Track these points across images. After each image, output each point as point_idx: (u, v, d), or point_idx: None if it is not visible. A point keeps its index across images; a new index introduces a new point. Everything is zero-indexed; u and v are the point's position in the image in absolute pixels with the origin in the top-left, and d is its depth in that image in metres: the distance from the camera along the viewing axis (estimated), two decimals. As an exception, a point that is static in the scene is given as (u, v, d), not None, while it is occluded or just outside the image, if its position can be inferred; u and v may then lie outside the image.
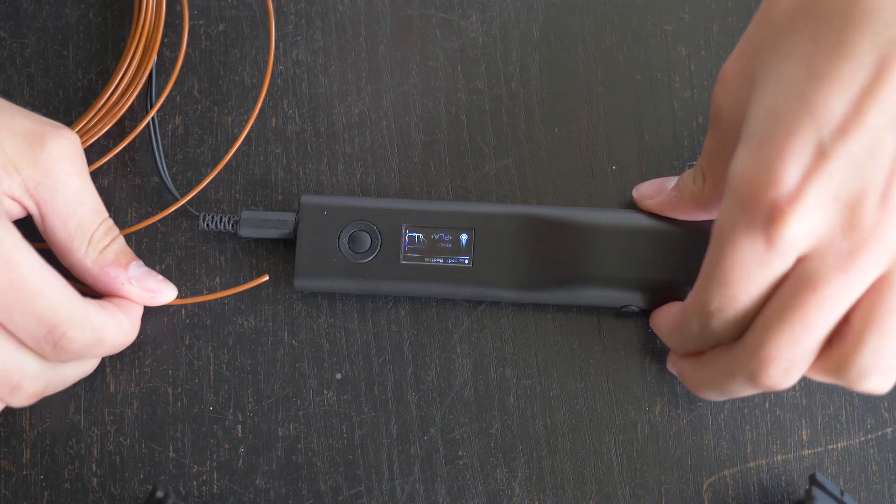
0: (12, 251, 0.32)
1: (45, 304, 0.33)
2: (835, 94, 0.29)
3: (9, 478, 0.41)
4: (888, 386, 0.31)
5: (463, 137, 0.43)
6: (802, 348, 0.31)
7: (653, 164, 0.43)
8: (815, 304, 0.30)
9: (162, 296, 0.40)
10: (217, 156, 0.43)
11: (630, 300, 0.40)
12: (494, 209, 0.41)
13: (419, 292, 0.41)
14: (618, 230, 0.40)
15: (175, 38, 0.44)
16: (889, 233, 0.29)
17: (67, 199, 0.36)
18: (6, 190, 0.35)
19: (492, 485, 0.41)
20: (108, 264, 0.38)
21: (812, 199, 0.29)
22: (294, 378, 0.41)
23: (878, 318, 0.30)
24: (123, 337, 0.37)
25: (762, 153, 0.30)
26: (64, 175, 0.36)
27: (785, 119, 0.30)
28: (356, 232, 0.40)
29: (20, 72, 0.44)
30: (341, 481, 0.41)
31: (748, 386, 0.33)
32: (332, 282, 0.40)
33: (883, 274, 0.30)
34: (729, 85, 0.33)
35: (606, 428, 0.41)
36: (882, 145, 0.29)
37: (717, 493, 0.40)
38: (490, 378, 0.41)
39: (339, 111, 0.44)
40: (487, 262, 0.40)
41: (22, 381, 0.34)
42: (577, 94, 0.44)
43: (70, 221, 0.37)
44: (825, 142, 0.29)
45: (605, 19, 0.44)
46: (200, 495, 0.41)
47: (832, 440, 0.41)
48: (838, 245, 0.29)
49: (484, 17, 0.44)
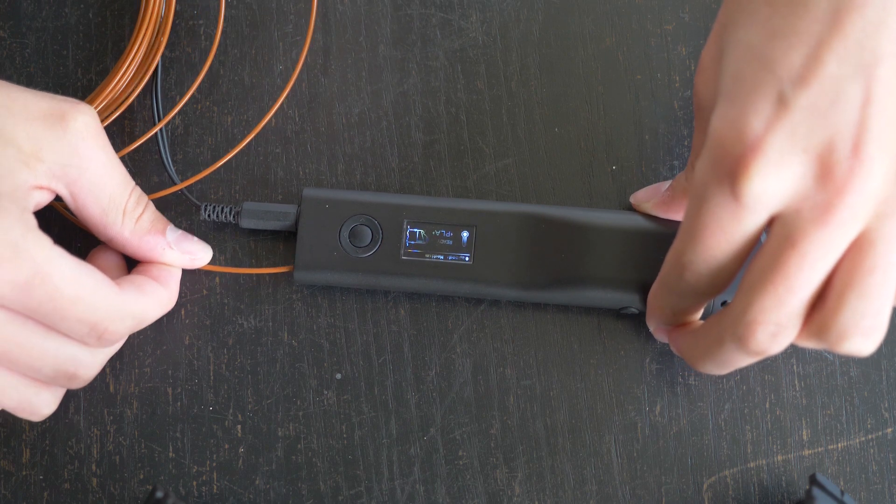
0: (44, 265, 0.33)
1: (83, 308, 0.34)
2: (792, 48, 0.29)
3: (8, 478, 0.41)
4: (871, 347, 0.31)
5: (463, 137, 0.43)
6: (788, 309, 0.31)
7: (653, 164, 0.43)
8: (796, 262, 0.30)
9: (200, 256, 0.40)
10: (217, 156, 0.43)
11: (630, 302, 0.40)
12: (497, 207, 0.40)
13: (419, 288, 0.41)
14: (619, 231, 0.40)
15: (174, 38, 0.44)
16: (864, 182, 0.29)
17: (96, 175, 0.36)
18: (32, 181, 0.34)
19: (492, 485, 0.41)
20: (145, 233, 0.38)
21: (775, 149, 0.29)
22: (294, 378, 0.41)
23: (858, 278, 0.30)
24: (163, 310, 0.39)
25: (729, 112, 0.30)
26: (89, 152, 0.36)
27: (747, 78, 0.30)
28: (357, 226, 0.40)
29: (20, 72, 0.44)
30: (341, 481, 0.41)
31: (739, 352, 0.33)
32: (332, 275, 0.40)
33: (862, 231, 0.30)
34: (706, 72, 0.34)
35: (606, 428, 0.41)
36: (846, 94, 0.29)
37: (717, 493, 0.40)
38: (490, 378, 0.41)
39: (339, 111, 0.44)
40: (488, 260, 0.40)
41: (77, 370, 0.36)
42: (577, 94, 0.44)
43: (102, 196, 0.36)
44: (786, 93, 0.29)
45: (605, 19, 0.44)
46: (200, 495, 0.41)
47: (832, 440, 0.41)
48: (814, 198, 0.29)
49: (484, 16, 0.44)
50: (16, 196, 0.33)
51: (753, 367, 0.41)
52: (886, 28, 0.29)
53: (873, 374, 0.41)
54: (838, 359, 0.41)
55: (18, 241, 0.32)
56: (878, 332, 0.31)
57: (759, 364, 0.41)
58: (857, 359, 0.41)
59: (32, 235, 0.33)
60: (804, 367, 0.41)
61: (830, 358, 0.41)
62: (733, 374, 0.41)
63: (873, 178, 0.29)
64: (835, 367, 0.41)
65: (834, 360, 0.41)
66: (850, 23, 0.29)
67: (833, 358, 0.41)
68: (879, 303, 0.30)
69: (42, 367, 0.35)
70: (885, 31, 0.29)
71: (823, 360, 0.41)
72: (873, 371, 0.41)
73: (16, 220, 0.33)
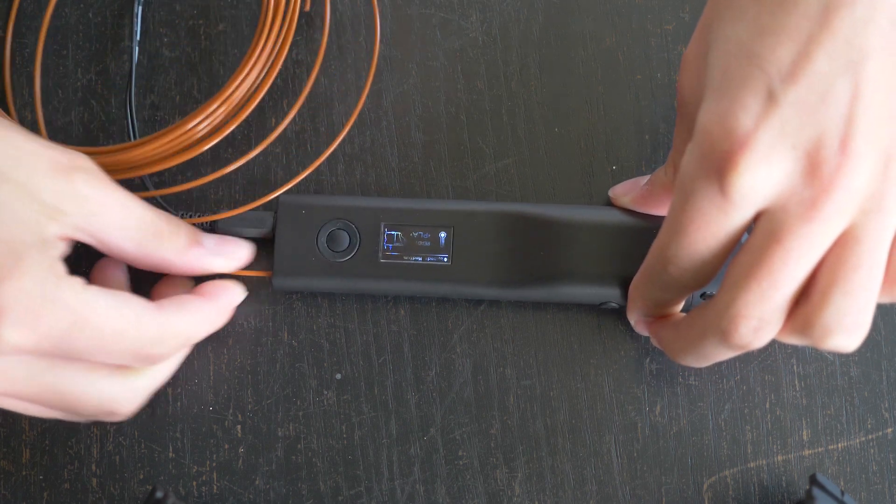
0: (82, 309, 0.33)
1: (126, 342, 0.34)
2: (781, 45, 0.29)
3: (8, 478, 0.41)
4: (854, 344, 0.31)
5: (463, 137, 0.43)
6: (771, 305, 0.31)
7: (653, 164, 0.43)
8: (781, 257, 0.30)
9: (241, 254, 0.40)
10: (217, 155, 0.43)
11: (609, 297, 0.40)
12: (473, 206, 0.40)
13: (398, 290, 0.41)
14: (596, 226, 0.40)
15: (174, 38, 0.44)
16: (851, 179, 0.29)
17: (118, 217, 0.35)
18: (58, 232, 0.34)
19: (492, 485, 0.41)
20: (186, 248, 0.38)
21: (764, 144, 0.29)
22: (294, 378, 0.41)
23: (842, 274, 0.30)
24: (212, 326, 0.39)
25: (717, 107, 0.30)
26: (104, 198, 0.35)
27: (736, 74, 0.30)
28: (335, 231, 0.40)
29: (20, 72, 0.44)
30: (341, 481, 0.41)
31: (722, 346, 0.33)
32: (311, 281, 0.40)
33: (848, 227, 0.30)
34: (690, 69, 0.34)
35: (606, 428, 0.41)
36: (835, 91, 0.29)
37: (717, 493, 0.40)
38: (490, 378, 0.41)
39: (339, 111, 0.44)
40: (466, 260, 0.40)
41: (118, 408, 0.36)
42: (577, 94, 0.44)
43: (131, 232, 0.36)
44: (775, 88, 0.29)
45: (605, 19, 0.44)
46: (200, 495, 0.41)
47: (833, 440, 0.41)
48: (800, 194, 0.29)
49: (484, 16, 0.44)
50: (44, 248, 0.33)
51: (754, 367, 0.41)
52: (875, 25, 0.29)
53: (873, 374, 0.41)
54: (838, 359, 0.41)
55: (51, 292, 0.32)
56: (861, 329, 0.31)
57: (759, 364, 0.41)
58: (857, 359, 0.41)
59: (65, 283, 0.33)
60: (804, 367, 0.41)
61: (831, 358, 0.41)
62: (733, 374, 0.41)
63: (860, 174, 0.29)
64: (835, 367, 0.41)
65: (834, 360, 0.41)
66: (838, 19, 0.29)
67: (833, 358, 0.41)
68: (863, 300, 0.30)
69: (82, 410, 0.35)
70: (873, 28, 0.29)
71: (824, 360, 0.41)
72: (873, 371, 0.41)
73: (46, 271, 0.33)
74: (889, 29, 0.29)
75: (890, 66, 0.29)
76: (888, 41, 0.29)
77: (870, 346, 0.41)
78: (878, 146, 0.29)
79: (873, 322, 0.41)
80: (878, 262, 0.30)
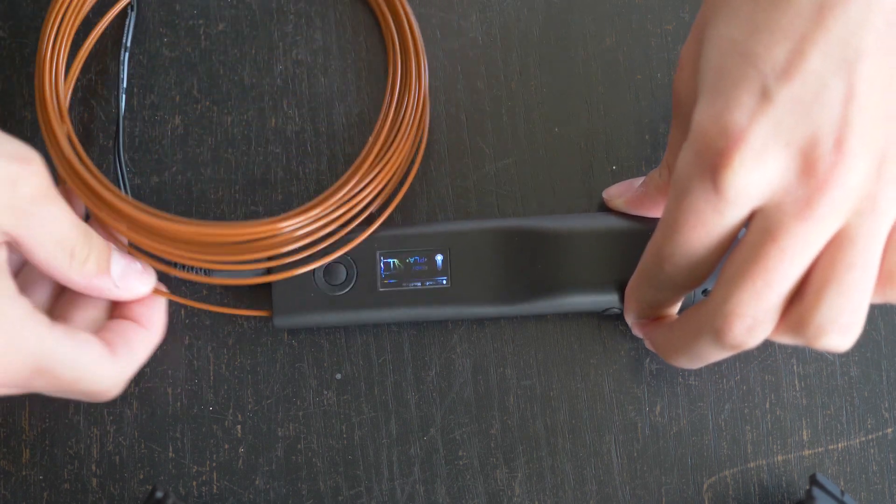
0: (43, 359, 0.34)
1: (84, 386, 0.36)
2: (776, 44, 0.29)
3: (8, 478, 0.41)
4: (847, 344, 0.31)
5: (463, 137, 0.43)
6: (766, 304, 0.31)
7: (653, 164, 0.43)
8: (775, 256, 0.30)
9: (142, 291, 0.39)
10: (217, 155, 0.43)
11: (611, 303, 0.40)
12: (466, 226, 0.40)
13: (401, 318, 0.40)
14: (591, 234, 0.40)
15: (174, 38, 0.44)
16: (846, 178, 0.29)
17: (46, 228, 0.35)
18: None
19: (492, 485, 0.41)
20: (92, 276, 0.37)
21: (758, 142, 0.29)
22: (294, 378, 0.41)
23: (836, 274, 0.30)
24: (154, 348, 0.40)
25: (712, 105, 0.30)
26: (38, 210, 0.34)
27: (730, 73, 0.30)
28: (331, 265, 0.40)
29: (20, 72, 0.44)
30: (341, 481, 0.41)
31: (715, 345, 0.33)
32: (312, 317, 0.40)
33: (842, 227, 0.30)
34: (686, 69, 0.34)
35: (606, 428, 0.41)
36: (829, 89, 0.29)
37: (717, 493, 0.40)
38: (490, 378, 0.41)
39: (339, 111, 0.44)
40: (465, 280, 0.40)
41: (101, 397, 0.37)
42: (577, 94, 0.44)
43: (48, 246, 0.35)
44: (769, 87, 0.29)
45: (605, 19, 0.44)
46: (200, 495, 0.41)
47: (833, 440, 0.41)
48: (795, 193, 0.29)
49: (484, 17, 0.44)
50: None
51: (754, 367, 0.41)
52: (869, 25, 0.29)
53: (873, 374, 0.41)
54: (838, 359, 0.41)
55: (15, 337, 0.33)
56: (854, 329, 0.31)
57: (759, 364, 0.41)
58: (857, 359, 0.41)
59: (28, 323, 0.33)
60: (804, 367, 0.41)
61: (831, 358, 0.41)
62: (733, 374, 0.41)
63: (855, 173, 0.29)
64: (835, 367, 0.41)
65: (834, 360, 0.41)
66: (833, 19, 0.29)
67: (833, 358, 0.41)
68: (857, 300, 0.30)
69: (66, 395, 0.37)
70: (868, 28, 0.29)
71: (824, 360, 0.41)
72: (873, 371, 0.41)
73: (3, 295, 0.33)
74: (885, 29, 0.29)
75: (886, 67, 0.29)
76: (884, 41, 0.29)
77: (870, 345, 0.41)
78: (873, 146, 0.29)
79: (873, 322, 0.41)
80: (871, 262, 0.30)
